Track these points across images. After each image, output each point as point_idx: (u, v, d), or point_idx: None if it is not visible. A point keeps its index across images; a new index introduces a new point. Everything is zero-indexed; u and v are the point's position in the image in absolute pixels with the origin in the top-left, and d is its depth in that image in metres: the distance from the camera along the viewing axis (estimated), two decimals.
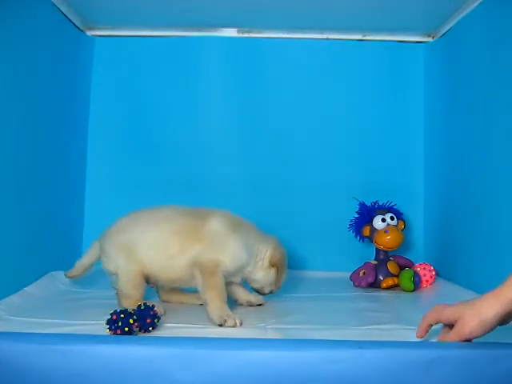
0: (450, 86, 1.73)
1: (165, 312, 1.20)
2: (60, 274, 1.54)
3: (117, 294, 1.30)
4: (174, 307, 1.32)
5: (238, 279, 1.32)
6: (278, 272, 1.35)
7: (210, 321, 1.14)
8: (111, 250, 1.29)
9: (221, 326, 1.12)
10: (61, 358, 0.87)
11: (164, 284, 1.35)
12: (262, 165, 1.92)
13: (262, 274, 1.34)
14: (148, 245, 1.27)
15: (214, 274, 1.21)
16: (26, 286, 1.38)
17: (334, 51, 1.92)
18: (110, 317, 1.02)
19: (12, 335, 0.94)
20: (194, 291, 1.36)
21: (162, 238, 1.27)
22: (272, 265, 1.34)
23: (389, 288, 1.59)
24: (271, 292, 1.38)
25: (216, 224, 1.28)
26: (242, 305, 1.36)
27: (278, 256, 1.35)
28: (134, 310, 1.05)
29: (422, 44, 1.92)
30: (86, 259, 1.38)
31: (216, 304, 1.17)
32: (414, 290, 1.54)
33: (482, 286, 1.40)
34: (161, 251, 1.27)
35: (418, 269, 1.62)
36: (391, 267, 1.63)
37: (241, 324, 1.13)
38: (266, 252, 1.34)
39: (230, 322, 1.12)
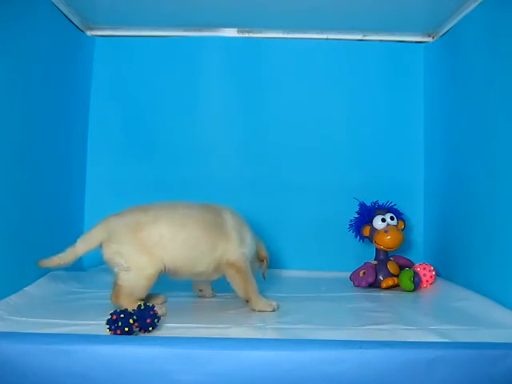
0: (449, 85, 1.73)
1: (166, 312, 1.20)
2: (60, 274, 1.55)
3: (115, 289, 1.26)
4: (173, 307, 1.32)
5: None
6: (265, 265, 1.46)
7: (259, 310, 1.31)
8: (131, 245, 1.25)
9: (274, 310, 1.31)
10: (61, 358, 0.87)
11: (184, 278, 1.36)
12: (262, 164, 1.92)
13: (254, 267, 1.43)
14: (183, 242, 1.29)
15: (246, 269, 1.34)
16: (25, 285, 1.37)
17: (334, 51, 1.92)
18: (110, 317, 1.02)
19: (12, 335, 0.94)
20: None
21: (194, 235, 1.31)
22: (261, 259, 1.45)
23: (389, 288, 1.58)
24: None
25: (232, 219, 1.38)
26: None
27: (265, 250, 1.46)
28: (133, 309, 1.05)
29: (422, 44, 1.92)
30: (84, 247, 1.28)
31: (259, 297, 1.33)
32: (413, 290, 1.54)
33: (481, 286, 1.41)
34: (194, 247, 1.30)
35: (418, 269, 1.62)
36: (391, 267, 1.63)
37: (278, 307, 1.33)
38: (257, 246, 1.44)
39: (275, 306, 1.32)
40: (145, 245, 1.25)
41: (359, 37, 1.92)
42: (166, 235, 1.27)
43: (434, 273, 1.64)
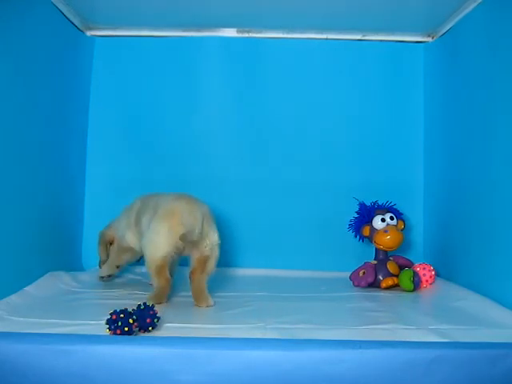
0: (449, 85, 1.73)
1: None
2: (60, 274, 1.54)
3: (203, 264, 1.36)
4: (174, 307, 1.32)
5: None
6: None
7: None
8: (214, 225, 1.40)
9: None
10: (61, 358, 0.87)
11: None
12: (262, 164, 1.92)
13: None
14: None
15: None
16: (25, 285, 1.37)
17: (334, 51, 1.92)
18: (109, 317, 1.01)
19: (12, 335, 0.94)
20: None
21: None
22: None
23: (389, 288, 1.58)
24: None
25: None
26: None
27: None
28: (133, 309, 1.05)
29: (422, 44, 1.92)
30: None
31: None
32: (413, 290, 1.54)
33: (481, 286, 1.41)
34: None
35: (418, 269, 1.62)
36: (391, 267, 1.63)
37: None
38: None
39: None
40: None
41: (359, 37, 1.91)
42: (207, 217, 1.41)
43: (433, 273, 1.64)
